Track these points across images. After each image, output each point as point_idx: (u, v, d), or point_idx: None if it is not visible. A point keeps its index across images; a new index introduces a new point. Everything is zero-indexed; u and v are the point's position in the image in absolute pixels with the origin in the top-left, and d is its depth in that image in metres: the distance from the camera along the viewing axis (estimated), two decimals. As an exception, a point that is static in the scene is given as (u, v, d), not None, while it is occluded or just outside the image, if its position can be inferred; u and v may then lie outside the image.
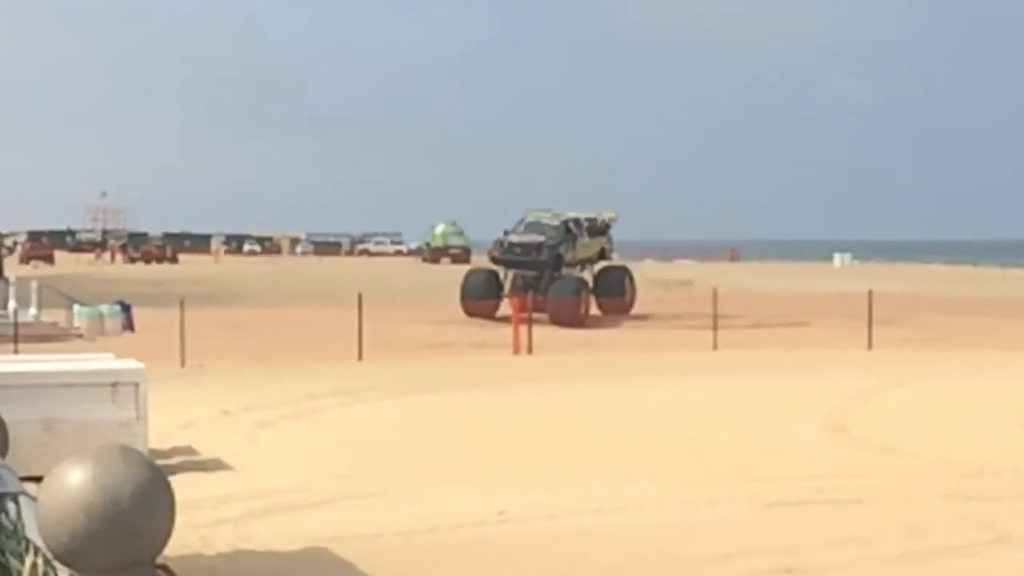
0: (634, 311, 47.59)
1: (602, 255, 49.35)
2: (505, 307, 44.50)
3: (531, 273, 45.42)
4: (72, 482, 3.05)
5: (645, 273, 79.06)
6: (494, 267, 47.22)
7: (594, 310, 45.84)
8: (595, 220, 48.93)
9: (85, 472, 3.05)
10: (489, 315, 43.99)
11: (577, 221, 48.13)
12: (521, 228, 47.80)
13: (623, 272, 48.84)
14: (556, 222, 47.60)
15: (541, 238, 46.29)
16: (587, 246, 48.10)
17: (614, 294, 46.96)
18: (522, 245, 46.24)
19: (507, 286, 45.68)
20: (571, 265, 47.00)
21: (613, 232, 50.14)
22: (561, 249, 46.38)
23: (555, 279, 44.91)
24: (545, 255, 45.77)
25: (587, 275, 47.94)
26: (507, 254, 46.55)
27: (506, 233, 48.63)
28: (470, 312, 44.46)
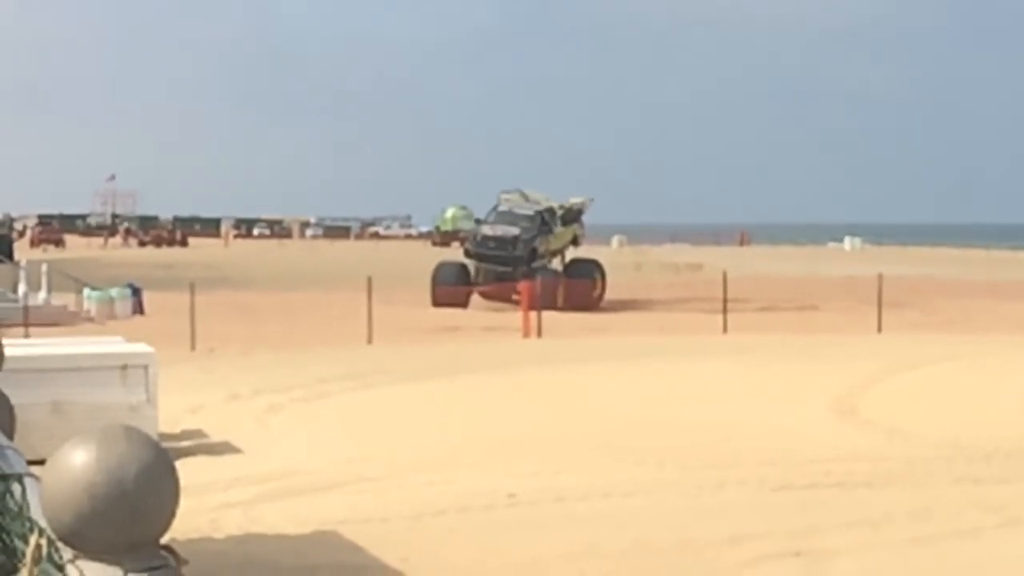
0: (644, 296, 47.44)
1: (574, 242, 47.97)
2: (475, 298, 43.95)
3: (504, 268, 43.97)
4: (76, 463, 3.05)
5: (656, 257, 79.01)
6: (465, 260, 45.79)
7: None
8: (569, 208, 47.30)
9: (89, 453, 3.05)
10: (461, 304, 42.79)
11: (551, 211, 46.47)
12: (492, 218, 46.35)
13: (593, 265, 46.58)
14: (531, 211, 45.90)
15: (516, 231, 44.73)
16: (560, 236, 46.76)
17: (583, 288, 44.56)
18: (496, 239, 44.61)
19: (480, 277, 44.51)
20: (543, 257, 45.71)
21: (585, 218, 48.51)
22: (536, 243, 45.02)
23: (530, 271, 43.29)
24: (520, 250, 44.33)
25: (556, 264, 46.39)
26: (481, 248, 44.99)
27: (478, 223, 47.63)
28: (439, 302, 43.05)
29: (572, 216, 47.51)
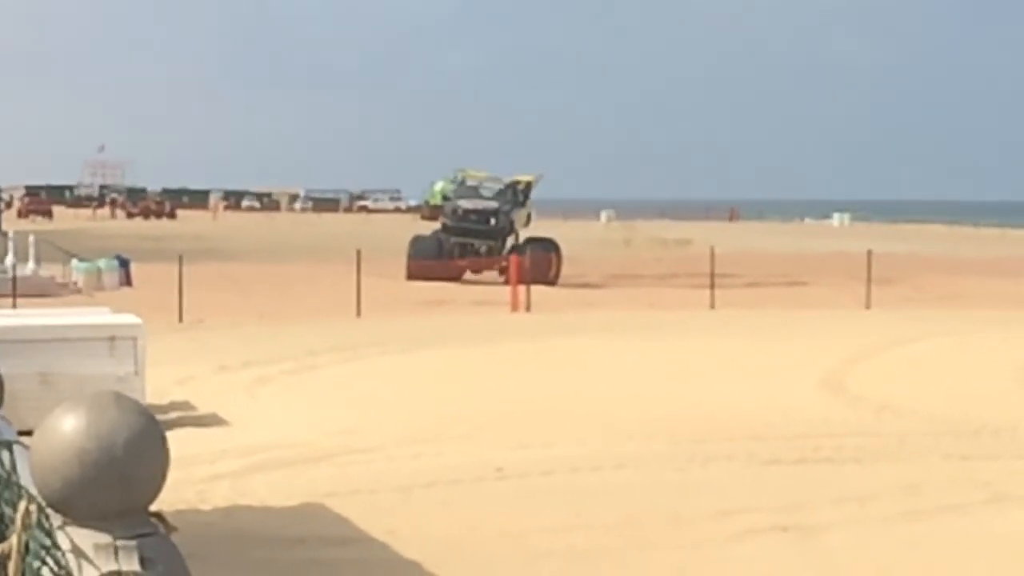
0: (633, 271, 47.39)
1: (527, 221, 47.63)
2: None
3: (485, 241, 44.08)
4: (66, 429, 3.02)
5: (646, 233, 79.03)
6: (441, 234, 45.56)
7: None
8: (520, 185, 46.96)
9: (79, 419, 3.03)
10: (437, 277, 42.67)
11: (515, 186, 46.40)
12: (463, 192, 46.28)
13: (550, 244, 45.74)
14: (500, 186, 46.02)
15: (495, 204, 44.84)
16: (524, 212, 46.76)
17: (539, 267, 42.33)
18: (478, 212, 44.65)
19: (455, 251, 44.47)
20: (516, 232, 45.53)
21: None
22: (512, 215, 45.08)
23: (514, 246, 43.40)
24: (502, 221, 44.50)
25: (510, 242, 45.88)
26: (462, 221, 44.80)
27: (446, 199, 47.51)
28: (413, 275, 42.99)
29: (525, 193, 47.30)
